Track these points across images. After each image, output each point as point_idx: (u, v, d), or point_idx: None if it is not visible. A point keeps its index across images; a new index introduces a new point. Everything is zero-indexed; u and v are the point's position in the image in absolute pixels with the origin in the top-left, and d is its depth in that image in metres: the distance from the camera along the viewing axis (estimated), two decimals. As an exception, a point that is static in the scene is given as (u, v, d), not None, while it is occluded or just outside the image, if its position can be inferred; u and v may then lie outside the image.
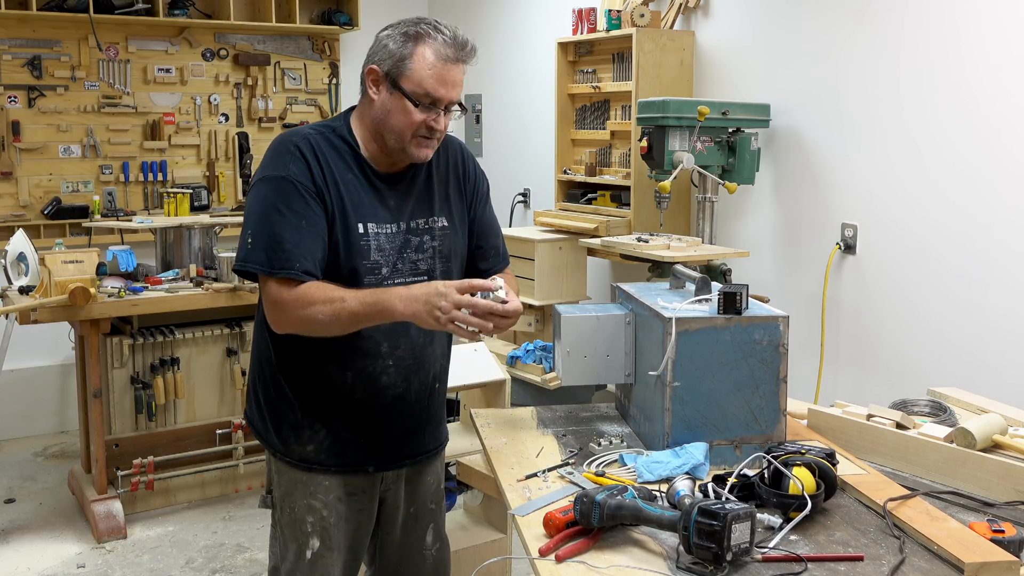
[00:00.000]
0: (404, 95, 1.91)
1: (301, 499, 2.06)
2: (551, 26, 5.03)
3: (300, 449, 2.05)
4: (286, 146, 1.93)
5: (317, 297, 1.86)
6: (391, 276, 1.98)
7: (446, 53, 1.91)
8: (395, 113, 1.92)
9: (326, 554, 2.07)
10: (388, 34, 1.94)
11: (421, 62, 1.90)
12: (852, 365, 3.68)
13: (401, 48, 1.91)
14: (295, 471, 2.06)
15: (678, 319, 1.89)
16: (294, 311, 1.87)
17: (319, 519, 2.06)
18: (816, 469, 1.72)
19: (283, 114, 5.67)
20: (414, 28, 1.92)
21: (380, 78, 1.94)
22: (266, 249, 1.87)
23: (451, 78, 1.92)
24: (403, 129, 1.93)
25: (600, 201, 4.57)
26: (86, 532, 3.88)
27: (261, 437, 2.12)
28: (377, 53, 1.95)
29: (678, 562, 1.53)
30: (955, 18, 3.23)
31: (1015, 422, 2.06)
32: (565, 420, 2.26)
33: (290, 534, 2.09)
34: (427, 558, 2.27)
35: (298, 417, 2.04)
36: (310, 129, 1.99)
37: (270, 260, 1.87)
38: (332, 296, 1.85)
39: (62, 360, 5.12)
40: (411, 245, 2.02)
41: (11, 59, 4.92)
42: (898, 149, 3.46)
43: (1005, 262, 3.13)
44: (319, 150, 1.94)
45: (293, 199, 1.89)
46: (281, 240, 1.87)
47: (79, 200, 5.11)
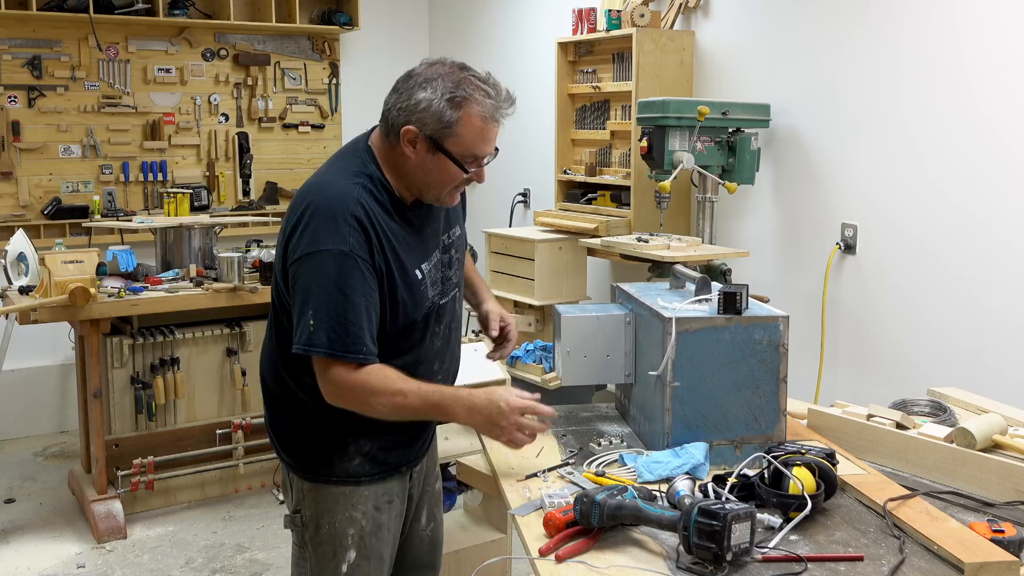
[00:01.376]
0: (450, 158, 1.88)
1: (343, 512, 2.04)
2: (551, 26, 5.03)
3: (345, 466, 2.03)
4: (341, 213, 1.85)
5: (379, 388, 1.86)
6: (439, 299, 2.02)
7: (493, 115, 1.89)
8: (437, 172, 1.90)
9: (362, 563, 2.07)
10: (428, 96, 1.86)
11: (469, 127, 1.86)
12: (852, 365, 3.68)
13: (447, 114, 1.85)
14: (334, 487, 2.05)
15: (678, 319, 1.89)
16: (354, 397, 1.88)
17: (359, 530, 2.05)
18: (816, 469, 1.72)
19: (283, 114, 5.67)
20: (459, 92, 1.86)
21: (419, 138, 1.88)
22: (328, 331, 1.83)
23: (495, 134, 1.92)
24: (445, 185, 1.93)
25: (600, 201, 4.57)
26: (86, 532, 3.88)
27: (293, 468, 2.09)
28: (415, 114, 1.87)
29: (678, 562, 1.53)
30: (955, 18, 3.23)
31: (1015, 422, 2.06)
32: (565, 420, 2.26)
33: (328, 550, 2.06)
34: (423, 539, 2.29)
35: (343, 438, 2.03)
36: (355, 186, 1.90)
37: (332, 343, 1.83)
38: (394, 389, 1.87)
39: (62, 360, 5.12)
40: (445, 263, 2.05)
41: (11, 59, 4.92)
42: (898, 149, 3.46)
43: (1005, 262, 3.13)
44: (372, 214, 1.88)
45: (355, 278, 1.84)
46: (346, 322, 1.83)
47: (79, 200, 5.11)
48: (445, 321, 2.06)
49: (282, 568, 3.61)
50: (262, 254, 4.10)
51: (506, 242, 4.53)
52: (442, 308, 2.03)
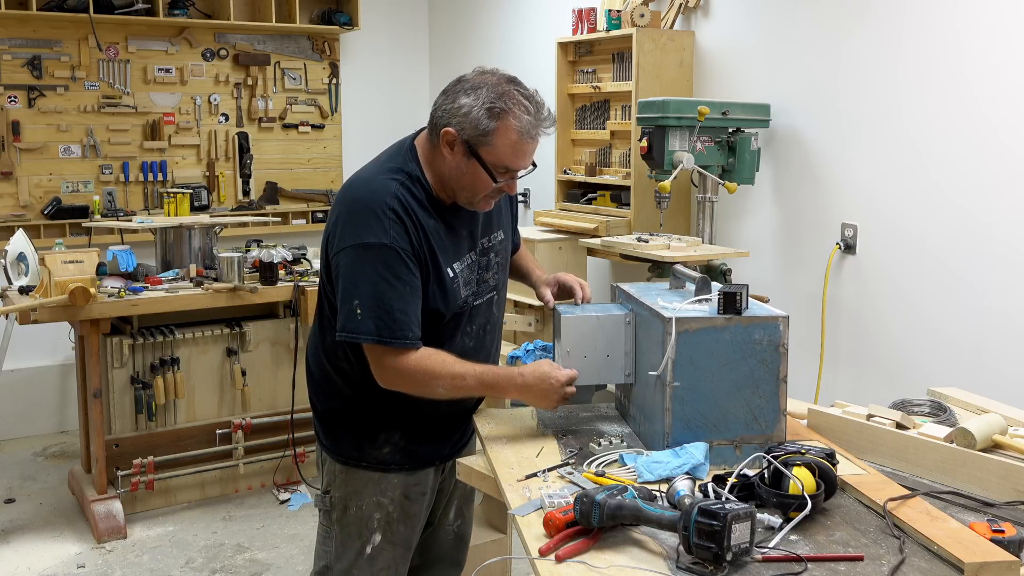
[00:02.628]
0: (482, 165, 1.94)
1: (371, 496, 2.13)
2: (551, 26, 5.03)
3: (374, 453, 2.12)
4: (381, 208, 1.93)
5: (439, 372, 1.96)
6: (473, 300, 2.11)
7: (530, 132, 1.93)
8: (470, 177, 1.97)
9: (387, 547, 2.15)
10: (471, 103, 1.92)
11: (504, 139, 1.92)
12: (852, 365, 3.68)
13: (486, 123, 1.91)
14: (365, 471, 2.13)
15: (678, 319, 1.89)
16: (415, 381, 1.97)
17: (385, 515, 2.13)
18: (816, 469, 1.72)
19: (283, 114, 5.67)
20: (499, 103, 1.91)
21: (457, 141, 1.94)
22: (376, 319, 1.91)
23: (530, 151, 1.97)
24: (477, 191, 1.99)
25: (600, 201, 4.56)
26: (86, 532, 3.88)
27: (327, 448, 2.18)
28: (456, 117, 1.93)
29: (678, 562, 1.53)
30: (955, 17, 3.23)
31: (1015, 422, 2.06)
32: (565, 420, 2.26)
33: (354, 532, 2.14)
34: (448, 533, 2.37)
35: (375, 425, 2.11)
36: (393, 182, 1.98)
37: (380, 330, 1.92)
38: (454, 372, 1.97)
39: (62, 360, 5.12)
40: (482, 266, 2.13)
41: (11, 59, 4.93)
42: (898, 149, 3.46)
43: (1005, 262, 3.13)
44: (409, 208, 1.96)
45: (399, 267, 1.92)
46: (392, 310, 1.91)
47: (79, 200, 5.11)
48: (479, 323, 2.14)
49: (282, 568, 3.61)
50: (262, 254, 4.10)
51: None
52: (475, 309, 2.11)
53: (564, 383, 2.02)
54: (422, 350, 1.96)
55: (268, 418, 4.22)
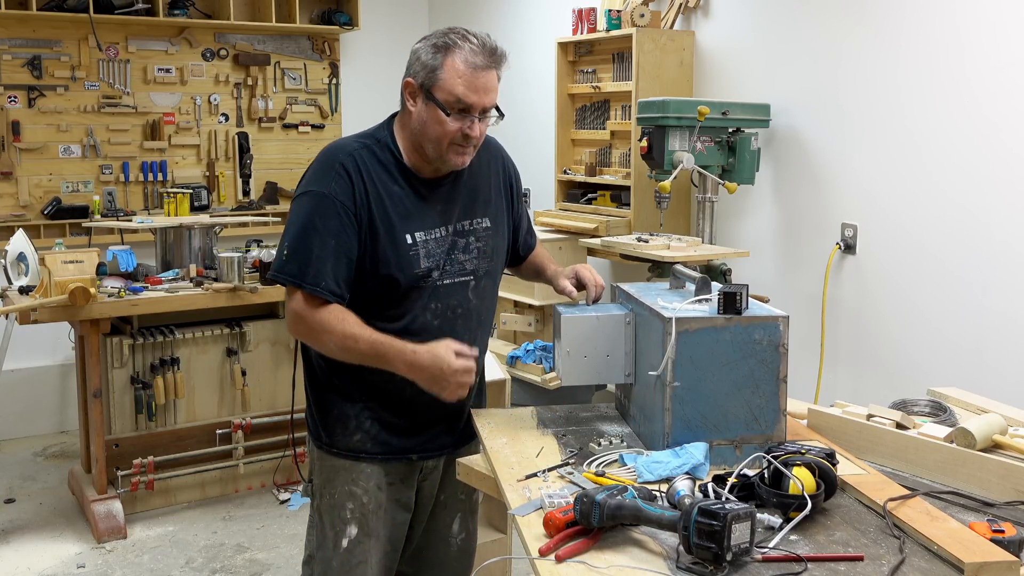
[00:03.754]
0: (437, 104, 1.96)
1: (342, 485, 2.13)
2: (551, 26, 5.03)
3: (346, 440, 2.13)
4: (331, 162, 2.01)
5: (334, 327, 1.96)
6: (440, 278, 2.08)
7: (475, 61, 1.96)
8: (431, 123, 1.98)
9: (364, 540, 2.13)
10: (420, 47, 2.00)
11: (451, 71, 1.95)
12: (852, 365, 3.68)
13: (432, 59, 1.96)
14: (337, 459, 2.14)
15: (678, 319, 1.89)
16: (310, 332, 2.00)
17: (359, 505, 2.13)
18: (816, 469, 1.72)
19: (283, 114, 5.67)
20: (443, 39, 1.98)
21: (415, 90, 1.99)
22: (297, 262, 1.97)
23: (482, 84, 1.98)
24: (439, 138, 1.99)
25: (600, 201, 4.57)
26: (86, 532, 3.88)
27: (308, 428, 2.21)
28: (412, 66, 2.01)
29: (678, 562, 1.53)
30: (955, 17, 3.23)
31: (1015, 422, 2.06)
32: (565, 420, 2.26)
33: (328, 520, 2.15)
34: (451, 545, 2.34)
35: (345, 409, 2.12)
36: (356, 143, 2.05)
37: (301, 273, 1.96)
38: (348, 332, 1.96)
39: (62, 360, 5.12)
40: (458, 247, 2.11)
41: (11, 59, 4.93)
42: (898, 149, 3.46)
43: (1005, 262, 3.13)
44: (364, 165, 2.01)
45: (330, 218, 1.96)
46: (311, 256, 1.96)
47: (79, 200, 5.11)
48: (448, 303, 2.10)
49: (282, 568, 3.61)
50: (262, 254, 4.10)
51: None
52: (443, 288, 2.09)
53: (458, 370, 1.94)
54: (332, 306, 1.97)
55: (268, 418, 4.22)
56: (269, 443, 4.24)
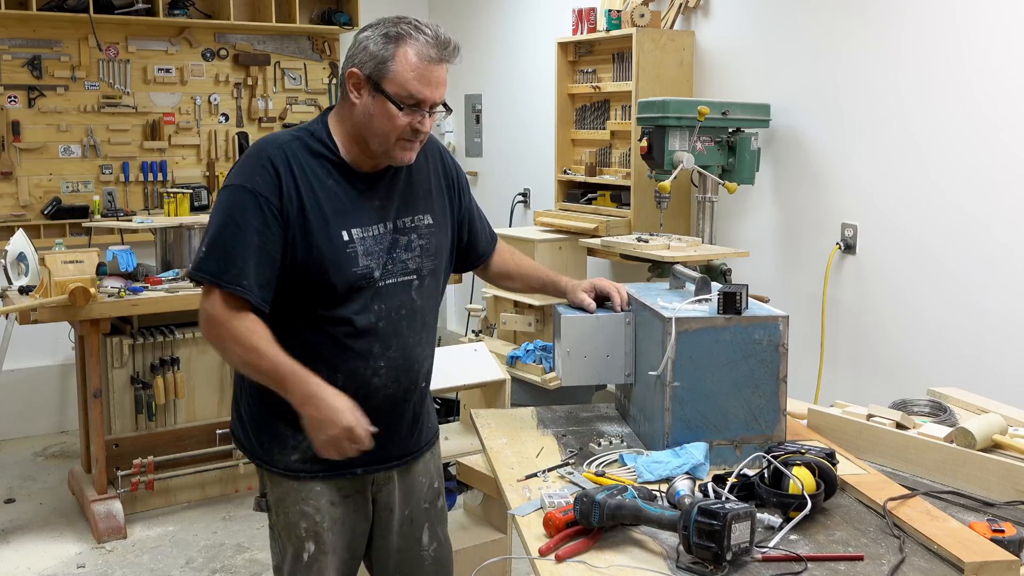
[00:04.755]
0: (387, 98, 1.86)
1: (293, 505, 2.04)
2: (551, 26, 5.03)
3: (284, 459, 2.01)
4: (259, 156, 1.90)
5: (240, 338, 1.85)
6: (383, 277, 1.96)
7: (429, 53, 1.86)
8: (378, 117, 1.88)
9: (321, 557, 2.06)
10: (368, 35, 1.89)
11: (403, 63, 1.85)
12: (852, 365, 3.68)
13: (382, 50, 1.85)
14: (285, 479, 2.03)
15: (678, 319, 1.89)
16: (217, 335, 1.88)
17: (312, 524, 2.04)
18: (816, 469, 1.72)
19: (283, 114, 5.67)
20: (395, 28, 1.86)
21: (361, 81, 1.88)
22: (215, 259, 1.85)
23: (434, 78, 1.88)
24: (387, 132, 1.89)
25: (600, 201, 4.57)
26: (86, 532, 3.88)
27: (245, 449, 2.09)
28: (357, 55, 1.89)
29: (678, 562, 1.53)
30: (955, 18, 3.23)
31: (1015, 422, 2.06)
32: (565, 420, 2.26)
33: (286, 537, 2.09)
34: (425, 559, 2.24)
35: (280, 427, 1.99)
36: (289, 136, 1.94)
37: (219, 271, 1.84)
38: (252, 344, 1.85)
39: (62, 360, 5.12)
40: (399, 244, 1.99)
41: (11, 59, 4.93)
42: (898, 149, 3.46)
43: (1005, 262, 3.13)
44: (294, 160, 1.89)
45: (252, 214, 1.85)
46: (232, 254, 1.84)
47: (79, 200, 5.11)
48: (391, 304, 1.98)
49: (282, 568, 3.60)
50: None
51: (506, 242, 4.52)
52: (386, 288, 1.97)
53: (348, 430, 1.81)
54: (248, 316, 1.86)
55: (268, 418, 4.22)
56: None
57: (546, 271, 2.34)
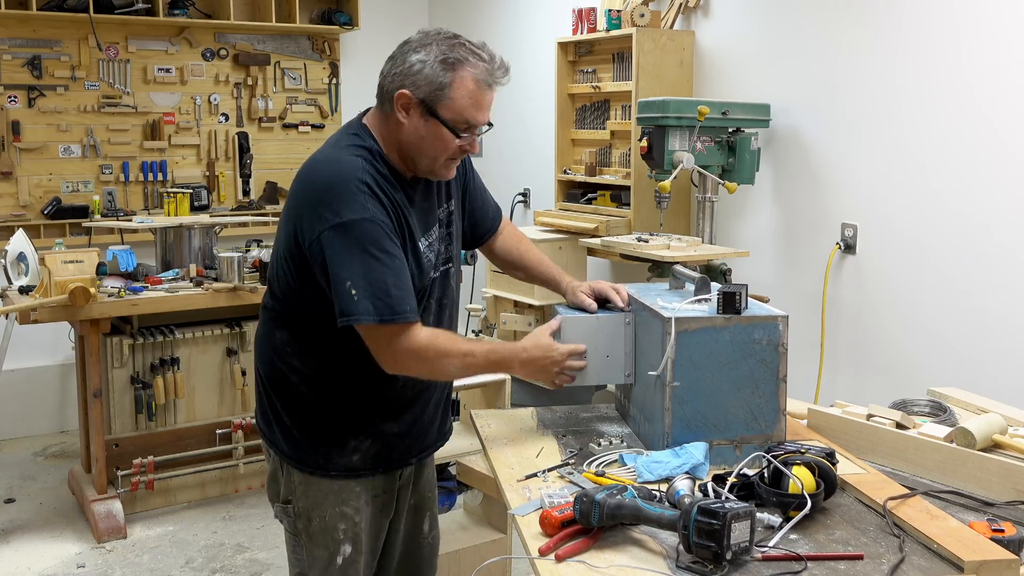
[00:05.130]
0: (442, 123, 1.87)
1: (332, 507, 2.03)
2: (551, 26, 5.03)
3: (343, 460, 2.01)
4: (354, 183, 1.84)
5: (450, 349, 1.90)
6: (435, 273, 2.03)
7: (486, 80, 1.89)
8: (430, 139, 1.89)
9: (357, 558, 2.07)
10: (423, 59, 1.85)
11: (462, 91, 1.86)
12: (852, 365, 3.68)
13: (440, 76, 1.84)
14: (327, 481, 2.02)
15: (678, 319, 1.89)
16: (424, 361, 1.88)
17: (351, 525, 2.04)
18: (816, 468, 1.72)
19: (283, 114, 5.67)
20: (452, 54, 1.85)
21: (412, 104, 1.87)
22: (372, 299, 1.80)
23: (487, 102, 1.91)
24: (438, 155, 1.91)
25: (600, 201, 4.57)
26: (86, 532, 3.88)
27: (284, 453, 2.06)
28: (409, 77, 1.86)
29: (678, 561, 1.53)
30: (954, 18, 3.23)
31: (1015, 422, 2.06)
32: (565, 420, 2.26)
33: (320, 542, 2.05)
34: (423, 546, 2.30)
35: (341, 431, 2.01)
36: (358, 158, 1.89)
37: (379, 309, 1.81)
38: (463, 349, 1.92)
39: (62, 360, 5.12)
40: (443, 236, 2.07)
41: (11, 59, 4.93)
42: (898, 149, 3.46)
43: (1005, 262, 3.13)
44: (377, 181, 1.87)
45: (384, 241, 1.83)
46: (387, 286, 1.81)
47: (79, 200, 5.11)
48: (436, 296, 2.05)
49: (282, 568, 3.60)
50: (262, 254, 4.10)
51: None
52: (434, 283, 2.03)
53: (566, 355, 2.02)
54: (427, 329, 1.89)
55: (268, 418, 4.22)
56: (269, 443, 4.23)
57: (549, 267, 2.36)
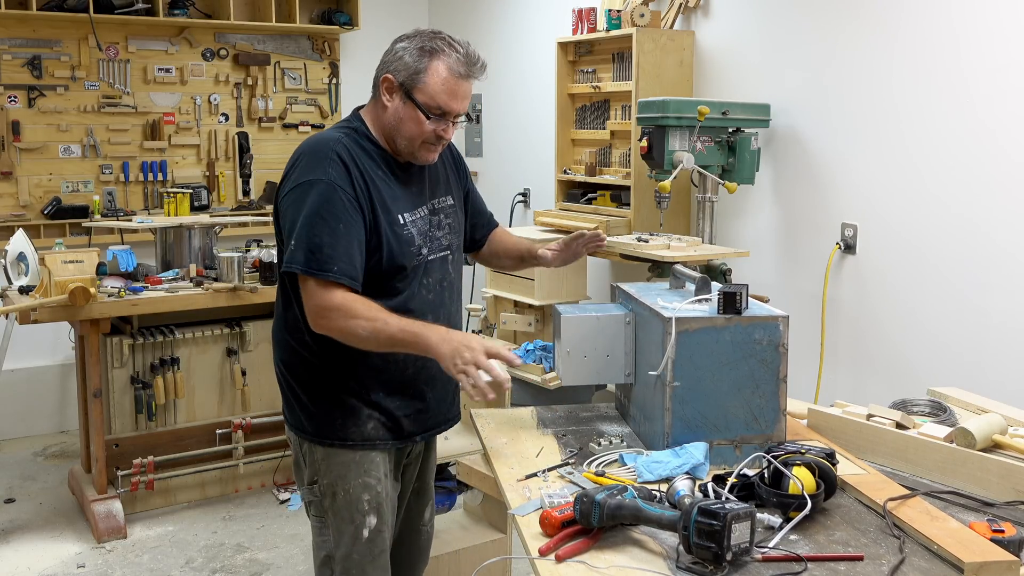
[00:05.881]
0: (417, 106, 2.03)
1: (356, 478, 2.11)
2: (551, 26, 5.03)
3: (359, 431, 2.11)
4: (324, 151, 2.02)
5: (361, 312, 1.95)
6: (428, 254, 2.14)
7: (459, 70, 2.03)
8: (407, 121, 2.05)
9: (384, 529, 2.15)
10: (405, 46, 2.05)
11: (435, 77, 2.02)
12: (852, 365, 3.68)
13: (417, 62, 2.02)
14: (348, 452, 2.11)
15: (678, 319, 1.89)
16: (336, 319, 1.96)
17: (375, 495, 2.12)
18: (816, 469, 1.72)
19: (283, 114, 5.67)
20: (430, 43, 2.03)
21: (394, 87, 2.05)
22: (305, 251, 1.95)
23: (461, 92, 2.05)
24: (414, 136, 2.06)
25: (600, 201, 4.57)
26: (86, 532, 3.88)
27: (306, 431, 2.14)
28: (392, 63, 2.05)
29: (678, 562, 1.53)
30: (953, 18, 3.23)
31: (1015, 422, 2.06)
32: (565, 420, 2.26)
33: (345, 516, 2.13)
34: (422, 532, 2.39)
35: (352, 400, 2.10)
36: (339, 133, 2.08)
37: (308, 261, 1.95)
38: (375, 315, 1.95)
39: (62, 360, 5.12)
40: (434, 223, 2.17)
41: (11, 59, 4.92)
42: (898, 149, 3.46)
43: (1004, 262, 3.13)
44: (353, 153, 2.04)
45: (334, 203, 1.97)
46: (320, 244, 1.95)
47: (79, 200, 5.11)
48: (435, 278, 2.17)
49: (282, 568, 3.61)
50: (262, 254, 4.10)
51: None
52: (431, 264, 2.15)
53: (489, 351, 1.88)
54: (351, 294, 1.97)
55: (268, 418, 4.22)
56: (269, 443, 4.24)
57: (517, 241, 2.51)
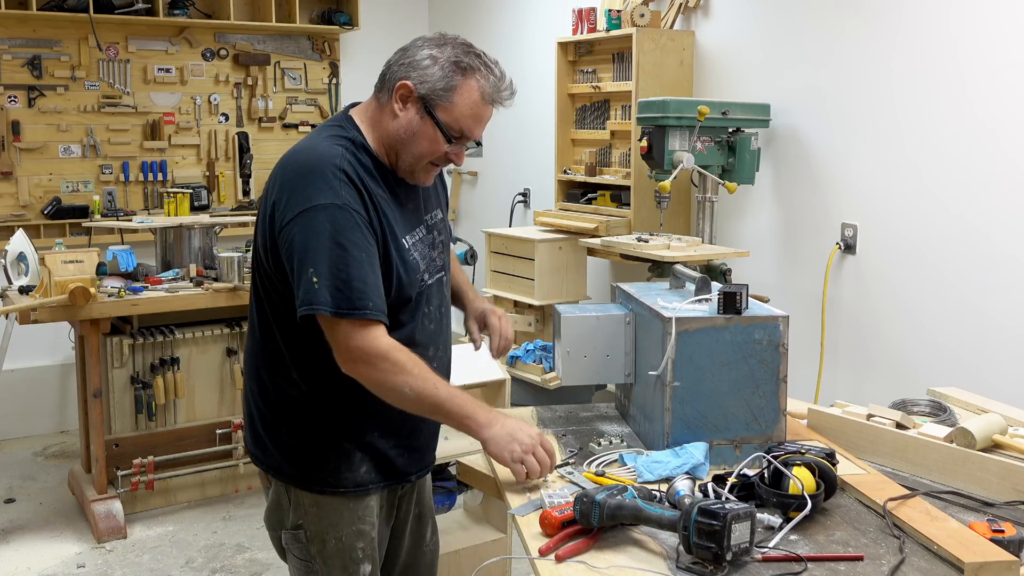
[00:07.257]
0: (437, 124, 1.81)
1: (349, 526, 1.92)
2: (551, 26, 5.03)
3: (352, 475, 1.91)
4: (327, 169, 1.76)
5: (410, 368, 1.75)
6: (428, 277, 1.93)
7: (492, 95, 1.84)
8: (421, 139, 1.82)
9: (377, 573, 2.00)
10: (434, 55, 1.81)
11: (466, 98, 1.81)
12: (852, 365, 3.68)
13: (448, 77, 1.80)
14: (341, 499, 1.92)
15: (678, 319, 1.89)
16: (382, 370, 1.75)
17: (369, 542, 1.95)
18: (816, 469, 1.72)
19: (283, 114, 5.67)
20: (466, 60, 1.81)
21: (412, 97, 1.81)
22: (331, 288, 1.70)
23: (486, 117, 1.86)
24: (423, 155, 1.84)
25: (600, 201, 4.57)
26: (86, 532, 3.88)
27: (285, 475, 1.94)
28: (416, 70, 1.81)
29: (678, 562, 1.53)
30: (952, 19, 3.23)
31: (1015, 422, 2.06)
32: (565, 420, 2.26)
33: (337, 564, 1.95)
34: (426, 553, 2.27)
35: (345, 443, 1.90)
36: (338, 147, 1.81)
37: (337, 301, 1.70)
38: (425, 375, 1.77)
39: (62, 360, 5.12)
40: (430, 242, 1.97)
41: (11, 59, 4.93)
42: (898, 149, 3.46)
43: (1004, 262, 3.13)
44: (358, 172, 1.79)
45: (353, 231, 1.73)
46: (348, 279, 1.71)
47: (79, 200, 5.11)
48: (435, 304, 1.97)
49: (282, 568, 3.59)
50: (262, 254, 4.09)
51: (506, 242, 4.53)
52: (430, 289, 1.95)
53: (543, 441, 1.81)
54: (393, 340, 1.76)
55: (268, 418, 4.22)
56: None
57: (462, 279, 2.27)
